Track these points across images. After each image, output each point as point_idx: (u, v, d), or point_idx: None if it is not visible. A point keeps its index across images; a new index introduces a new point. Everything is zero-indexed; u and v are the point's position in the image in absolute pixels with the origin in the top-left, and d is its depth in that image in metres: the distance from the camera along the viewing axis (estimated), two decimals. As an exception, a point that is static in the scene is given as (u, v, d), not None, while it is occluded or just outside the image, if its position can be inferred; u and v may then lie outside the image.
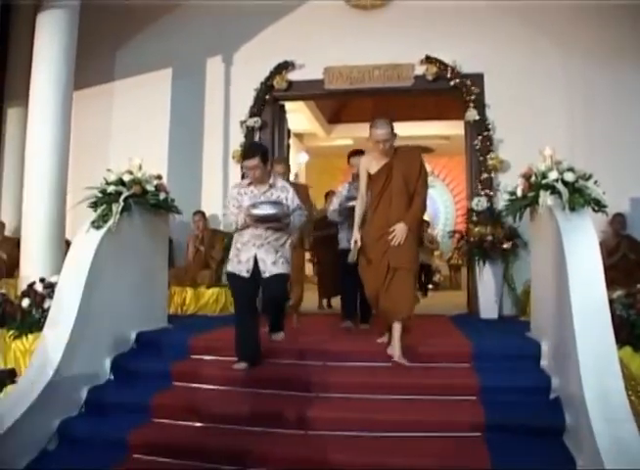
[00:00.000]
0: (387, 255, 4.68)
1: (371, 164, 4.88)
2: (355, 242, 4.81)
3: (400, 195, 4.72)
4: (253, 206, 4.71)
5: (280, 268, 4.83)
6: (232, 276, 4.89)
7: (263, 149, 4.97)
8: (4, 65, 8.30)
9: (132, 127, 8.21)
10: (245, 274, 4.80)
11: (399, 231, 4.64)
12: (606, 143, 7.21)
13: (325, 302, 8.43)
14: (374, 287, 4.80)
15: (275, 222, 4.73)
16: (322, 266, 8.34)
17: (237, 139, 8.03)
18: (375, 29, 7.77)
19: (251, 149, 5.06)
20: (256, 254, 4.79)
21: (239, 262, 4.84)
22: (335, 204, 6.26)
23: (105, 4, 7.82)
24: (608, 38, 7.39)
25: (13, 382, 4.34)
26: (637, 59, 7.31)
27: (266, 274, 4.79)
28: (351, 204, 5.55)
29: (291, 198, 4.92)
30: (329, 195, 7.73)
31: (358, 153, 5.96)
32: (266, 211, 4.68)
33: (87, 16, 6.69)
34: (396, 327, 4.67)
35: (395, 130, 4.85)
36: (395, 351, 4.66)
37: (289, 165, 7.40)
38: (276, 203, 4.77)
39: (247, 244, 4.81)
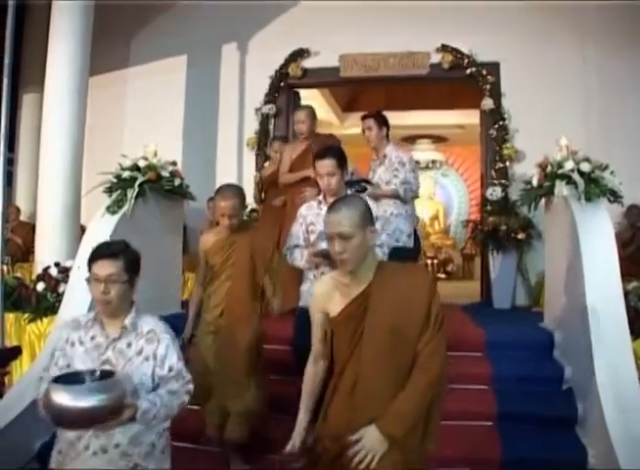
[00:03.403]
0: None
1: (329, 296, 2.46)
2: (293, 446, 2.43)
3: (384, 360, 2.31)
4: (61, 381, 2.30)
5: None
6: None
7: (130, 253, 2.75)
8: (20, 51, 8.33)
9: (147, 114, 8.21)
10: None
11: (369, 445, 2.22)
12: (622, 133, 7.13)
13: None
14: None
15: (102, 422, 2.26)
16: None
17: (252, 126, 8.01)
18: (391, 17, 7.70)
19: (105, 248, 2.67)
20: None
21: None
22: (296, 237, 3.87)
23: (120, -10, 7.83)
24: (623, 28, 7.29)
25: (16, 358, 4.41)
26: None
27: None
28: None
29: (162, 355, 2.57)
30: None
31: (326, 153, 3.74)
32: (80, 401, 2.19)
33: (102, 2, 6.70)
34: None
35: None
36: None
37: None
38: (110, 379, 2.31)
39: (74, 445, 2.48)
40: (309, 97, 9.57)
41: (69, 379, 2.34)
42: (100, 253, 2.62)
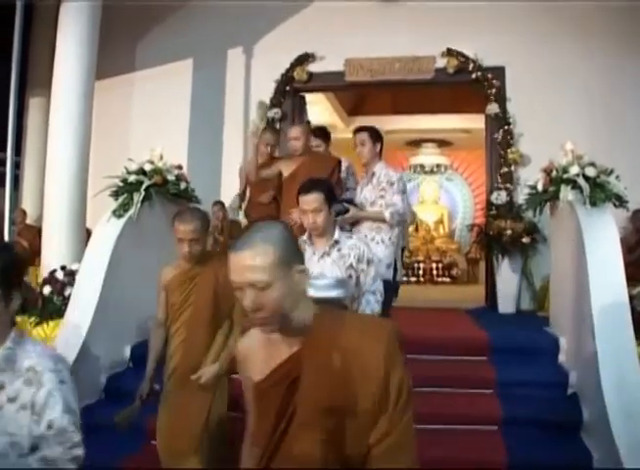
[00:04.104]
0: None
1: (251, 356, 1.73)
2: None
3: (322, 457, 1.50)
4: None
5: None
6: None
7: (4, 259, 1.91)
8: (26, 54, 8.36)
9: (153, 117, 8.23)
10: None
11: None
12: (626, 138, 7.12)
13: None
14: None
15: None
16: None
17: (257, 130, 8.03)
18: (396, 21, 7.72)
19: None
20: None
21: None
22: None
23: (127, -6, 7.87)
24: (627, 32, 7.29)
25: None
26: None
27: None
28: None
29: (41, 405, 1.75)
30: None
31: (312, 188, 3.30)
32: None
33: (109, 6, 6.73)
34: None
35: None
36: None
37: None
38: None
39: None
40: (315, 101, 9.59)
41: None
42: None
